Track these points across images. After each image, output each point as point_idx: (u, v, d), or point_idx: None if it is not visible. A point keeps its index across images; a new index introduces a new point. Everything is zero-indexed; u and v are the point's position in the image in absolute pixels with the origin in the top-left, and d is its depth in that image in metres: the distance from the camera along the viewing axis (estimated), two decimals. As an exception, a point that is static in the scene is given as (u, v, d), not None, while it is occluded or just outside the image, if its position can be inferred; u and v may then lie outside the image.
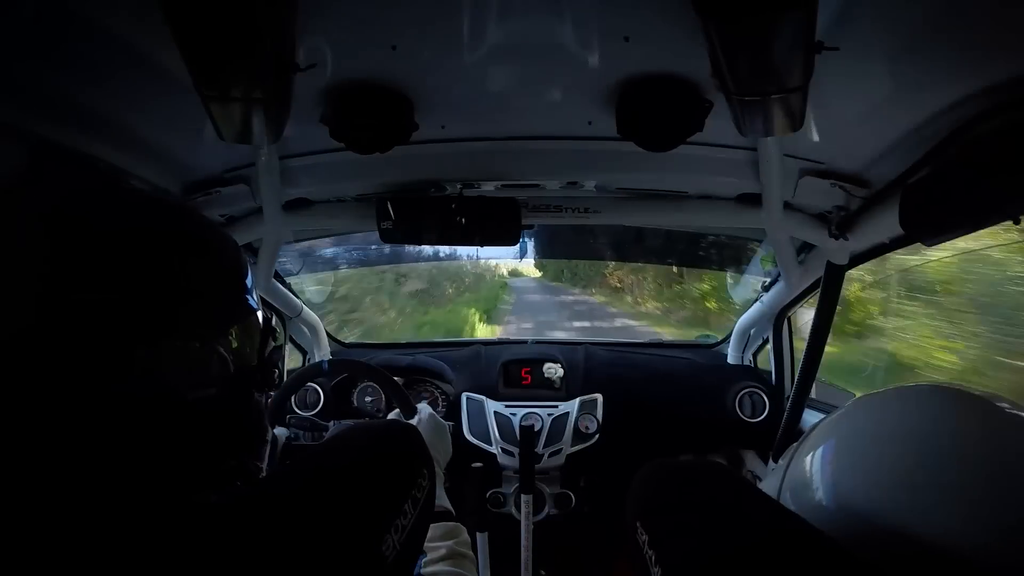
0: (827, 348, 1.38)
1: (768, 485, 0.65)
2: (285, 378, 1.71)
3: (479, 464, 1.36)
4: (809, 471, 0.58)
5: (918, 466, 0.50)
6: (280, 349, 0.60)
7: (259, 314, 0.55)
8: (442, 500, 0.87)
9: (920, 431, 0.53)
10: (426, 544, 0.74)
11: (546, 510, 1.61)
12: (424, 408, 1.01)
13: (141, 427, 0.42)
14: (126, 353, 0.41)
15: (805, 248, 1.38)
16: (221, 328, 0.49)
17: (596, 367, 1.75)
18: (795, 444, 0.65)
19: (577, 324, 8.92)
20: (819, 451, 0.59)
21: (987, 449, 0.49)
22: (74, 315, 0.40)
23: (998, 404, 0.53)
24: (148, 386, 0.42)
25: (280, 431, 1.21)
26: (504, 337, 2.04)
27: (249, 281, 0.54)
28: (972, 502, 0.46)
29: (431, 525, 0.76)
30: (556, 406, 1.63)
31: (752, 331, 1.78)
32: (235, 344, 0.50)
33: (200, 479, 0.47)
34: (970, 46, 0.64)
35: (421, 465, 0.54)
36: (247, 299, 0.53)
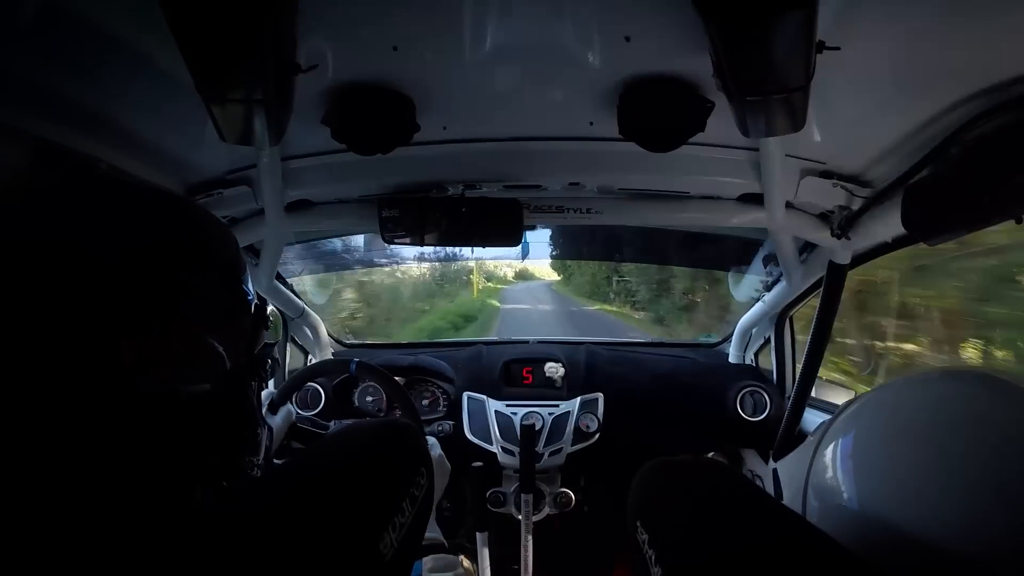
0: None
1: (794, 468, 0.63)
2: (287, 374, 1.72)
3: (479, 463, 1.36)
4: (832, 467, 0.57)
5: (944, 460, 0.48)
6: (273, 346, 0.59)
7: (254, 307, 0.55)
8: (434, 532, 0.88)
9: (947, 421, 0.51)
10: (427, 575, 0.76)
11: (546, 509, 1.61)
12: (435, 445, 1.01)
13: (133, 422, 0.42)
14: (120, 346, 0.41)
15: (807, 248, 1.38)
16: (217, 322, 0.49)
17: (597, 366, 1.75)
18: (817, 434, 0.64)
19: None
20: (843, 443, 0.57)
21: (1013, 439, 0.47)
22: (68, 308, 0.40)
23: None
24: (141, 380, 0.42)
25: (290, 408, 1.23)
26: (506, 337, 2.04)
27: (246, 273, 0.54)
28: (1006, 500, 0.44)
29: (429, 558, 0.77)
30: (557, 405, 1.63)
31: (754, 330, 1.78)
32: (229, 338, 0.50)
33: (191, 475, 0.47)
34: (971, 46, 0.64)
35: (420, 464, 0.54)
36: (243, 292, 0.53)
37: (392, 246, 1.27)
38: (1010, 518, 0.43)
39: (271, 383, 1.50)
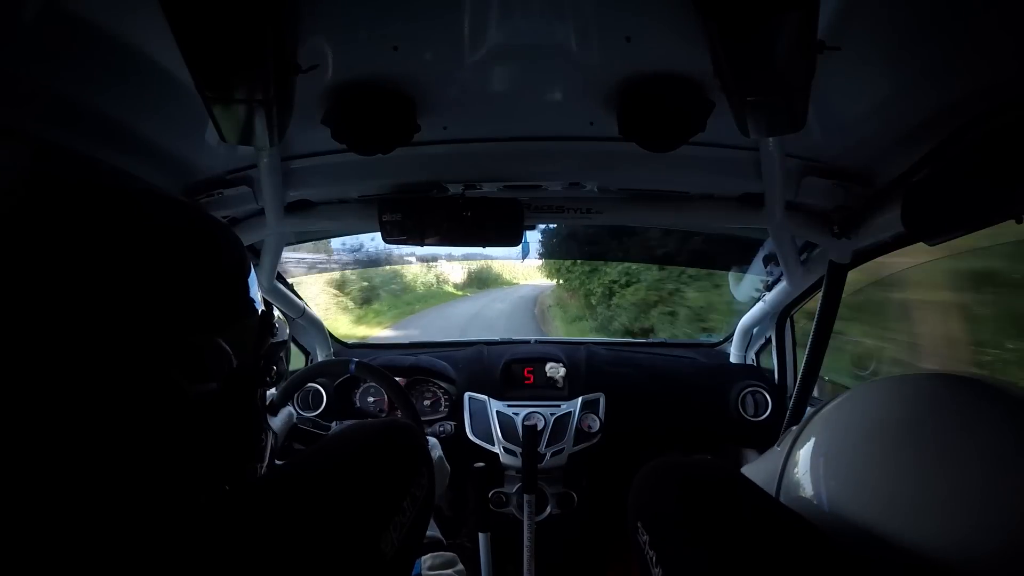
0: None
1: (764, 472, 0.63)
2: (288, 375, 1.72)
3: (481, 464, 1.36)
4: (807, 464, 0.57)
5: (921, 463, 0.48)
6: (280, 346, 0.60)
7: (260, 310, 0.55)
8: (432, 531, 0.88)
9: (924, 423, 0.51)
10: (426, 573, 0.76)
11: (548, 510, 1.61)
12: (435, 446, 1.02)
13: (140, 423, 0.42)
14: (129, 349, 0.41)
15: (808, 247, 1.38)
16: (224, 322, 0.49)
17: (598, 366, 1.75)
18: (794, 431, 0.64)
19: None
20: (816, 443, 0.57)
21: (988, 443, 0.47)
22: (77, 311, 0.40)
23: (1007, 392, 0.50)
24: (149, 382, 0.42)
25: (290, 410, 1.24)
26: (506, 337, 2.04)
27: (252, 275, 0.54)
28: (982, 502, 0.44)
29: (428, 555, 0.77)
30: (558, 405, 1.63)
31: (755, 330, 1.78)
32: (236, 338, 0.50)
33: (196, 478, 0.47)
34: (972, 45, 0.64)
35: (421, 463, 0.55)
36: (250, 295, 0.53)
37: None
38: (986, 520, 0.43)
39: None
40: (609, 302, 6.21)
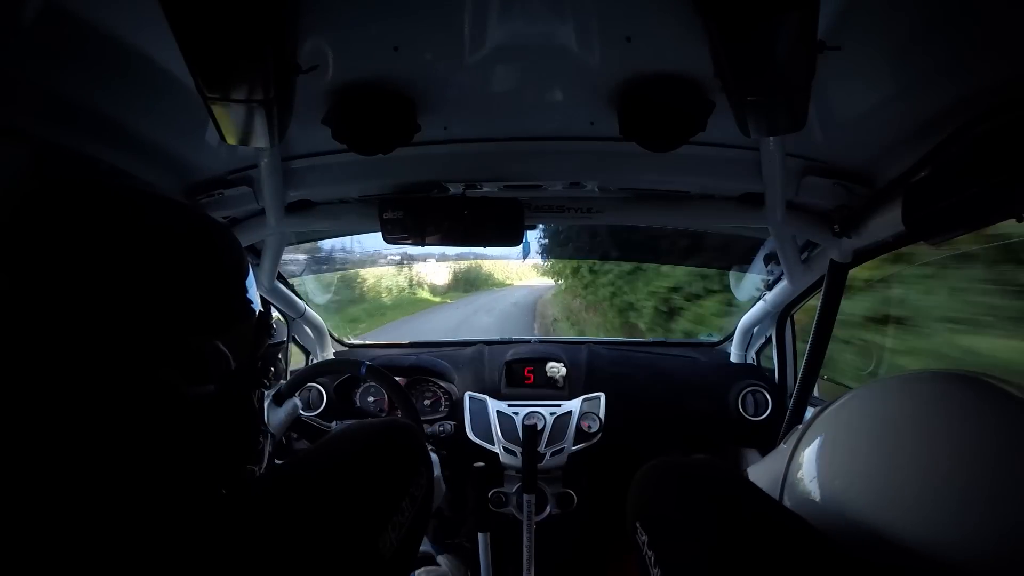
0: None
1: (768, 473, 0.63)
2: (287, 375, 1.72)
3: (481, 463, 1.36)
4: (811, 464, 0.57)
5: (918, 461, 0.48)
6: (278, 347, 0.60)
7: (258, 311, 0.55)
8: (426, 546, 0.88)
9: (932, 422, 0.50)
10: None
11: (548, 510, 1.61)
12: (435, 463, 1.02)
13: (138, 424, 0.42)
14: (126, 350, 0.41)
15: (808, 246, 1.38)
16: (222, 324, 0.49)
17: (599, 366, 1.75)
18: (798, 431, 0.63)
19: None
20: (821, 442, 0.57)
21: (995, 444, 0.46)
22: (74, 312, 0.40)
23: (1014, 390, 0.49)
24: (146, 384, 0.42)
25: (296, 402, 1.25)
26: (507, 336, 2.04)
27: (250, 277, 0.54)
28: (991, 503, 0.43)
29: (422, 570, 0.77)
30: (559, 405, 1.63)
31: (755, 329, 1.78)
32: (234, 340, 0.50)
33: (193, 479, 0.47)
34: (973, 44, 0.64)
35: (419, 464, 0.55)
36: (248, 295, 0.53)
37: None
38: (995, 520, 0.42)
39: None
40: (668, 324, 3.69)
